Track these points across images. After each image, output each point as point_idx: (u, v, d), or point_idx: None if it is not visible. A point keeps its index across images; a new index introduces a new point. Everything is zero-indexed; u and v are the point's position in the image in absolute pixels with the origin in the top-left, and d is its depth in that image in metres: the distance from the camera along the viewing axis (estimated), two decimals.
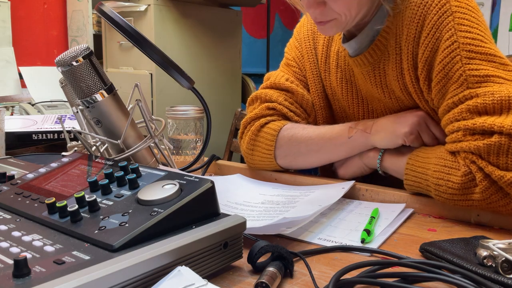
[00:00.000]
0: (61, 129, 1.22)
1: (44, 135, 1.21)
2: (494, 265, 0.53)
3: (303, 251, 0.62)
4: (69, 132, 1.04)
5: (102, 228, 0.49)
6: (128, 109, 0.83)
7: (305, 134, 0.93)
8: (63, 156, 0.71)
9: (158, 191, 0.53)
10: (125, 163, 0.61)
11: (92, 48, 1.46)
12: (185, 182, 0.55)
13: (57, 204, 0.53)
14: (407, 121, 0.84)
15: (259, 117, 0.98)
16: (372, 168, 0.90)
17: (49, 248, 0.47)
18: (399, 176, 0.84)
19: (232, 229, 0.54)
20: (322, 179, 0.93)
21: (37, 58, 3.04)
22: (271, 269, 0.52)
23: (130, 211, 0.51)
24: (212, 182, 0.54)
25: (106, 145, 0.83)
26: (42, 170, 0.68)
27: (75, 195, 0.54)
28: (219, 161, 1.07)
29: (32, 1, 3.01)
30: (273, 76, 1.03)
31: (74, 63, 0.75)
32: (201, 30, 2.78)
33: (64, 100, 2.35)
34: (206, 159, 1.05)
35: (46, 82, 2.59)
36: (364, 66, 0.90)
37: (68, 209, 0.52)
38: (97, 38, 2.96)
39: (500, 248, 0.54)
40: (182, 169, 0.92)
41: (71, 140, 1.04)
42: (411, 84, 0.84)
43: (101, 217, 0.51)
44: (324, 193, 0.84)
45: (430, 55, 0.80)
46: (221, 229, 0.52)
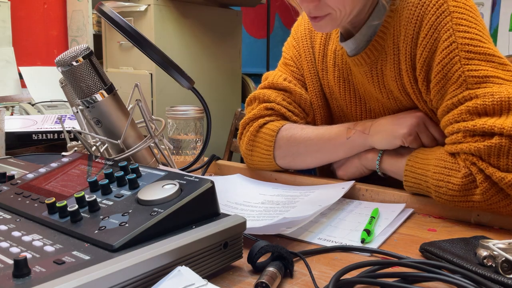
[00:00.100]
0: (61, 129, 1.22)
1: (44, 135, 1.21)
2: (494, 265, 0.53)
3: (303, 251, 0.62)
4: (69, 132, 1.04)
5: (102, 228, 0.49)
6: (128, 109, 0.83)
7: (304, 134, 0.93)
8: (63, 156, 0.71)
9: (158, 191, 0.53)
10: (125, 163, 0.61)
11: (92, 48, 1.46)
12: (185, 182, 0.55)
13: (57, 204, 0.53)
14: (405, 122, 0.84)
15: (258, 117, 0.98)
16: (371, 170, 0.90)
17: (49, 248, 0.47)
18: (399, 177, 0.84)
19: (232, 229, 0.54)
20: (322, 179, 0.93)
21: (37, 58, 3.04)
22: (271, 269, 0.52)
23: (130, 211, 0.51)
24: (212, 182, 0.54)
25: (106, 145, 0.83)
26: (42, 170, 0.68)
27: (75, 195, 0.54)
28: (219, 161, 1.07)
29: (32, 1, 3.01)
30: (271, 76, 1.03)
31: (74, 63, 0.75)
32: (201, 30, 2.78)
33: (64, 100, 2.35)
34: (206, 159, 1.05)
35: (46, 82, 2.59)
36: (362, 66, 0.90)
37: (68, 209, 0.52)
38: (97, 38, 2.96)
39: (500, 248, 0.54)
40: (182, 169, 0.92)
41: (71, 140, 1.04)
42: (410, 85, 0.84)
43: (101, 217, 0.51)
44: (324, 193, 0.84)
45: (428, 56, 0.80)
46: (221, 229, 0.52)
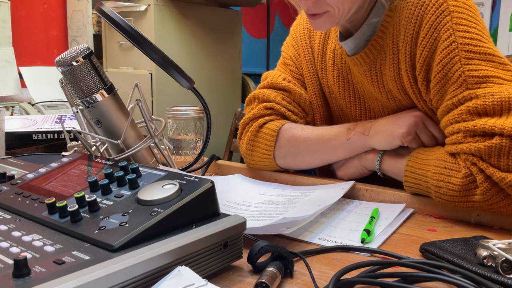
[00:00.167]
0: (61, 129, 1.22)
1: (44, 135, 1.21)
2: (494, 265, 0.53)
3: (303, 251, 0.62)
4: (69, 132, 1.04)
5: (102, 228, 0.49)
6: (128, 109, 0.83)
7: (304, 135, 0.93)
8: (63, 156, 0.71)
9: (158, 191, 0.53)
10: (125, 163, 0.61)
11: (92, 48, 1.46)
12: (185, 182, 0.55)
13: (57, 204, 0.53)
14: (404, 122, 0.84)
15: (258, 117, 0.98)
16: (371, 170, 0.90)
17: (49, 248, 0.47)
18: (399, 178, 0.84)
19: (232, 229, 0.54)
20: (322, 179, 0.93)
21: (37, 58, 3.04)
22: (271, 269, 0.52)
23: (130, 211, 0.51)
24: (212, 182, 0.54)
25: (106, 145, 0.83)
26: (42, 170, 0.68)
27: (75, 195, 0.54)
28: (219, 161, 1.07)
29: (32, 1, 3.01)
30: (270, 76, 1.03)
31: (74, 63, 0.75)
32: (201, 30, 2.78)
33: (64, 100, 2.35)
34: (206, 159, 1.05)
35: (46, 82, 2.59)
36: (361, 66, 0.90)
37: (68, 209, 0.52)
38: (97, 38, 2.96)
39: (500, 248, 0.54)
40: (182, 169, 0.92)
41: (71, 140, 1.04)
42: (409, 85, 0.84)
43: (101, 217, 0.51)
44: (324, 193, 0.84)
45: (428, 55, 0.80)
46: (221, 229, 0.52)
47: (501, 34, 3.36)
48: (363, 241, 0.65)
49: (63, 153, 0.90)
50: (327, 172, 1.01)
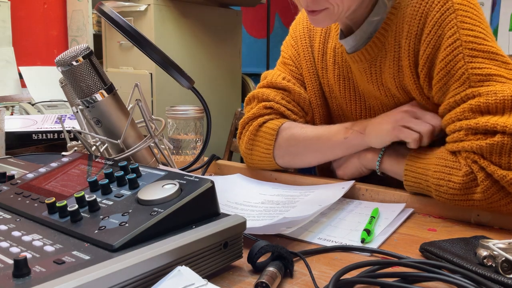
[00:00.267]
0: (61, 129, 1.22)
1: (44, 135, 1.21)
2: (494, 265, 0.53)
3: (303, 251, 0.62)
4: (69, 132, 1.04)
5: (102, 228, 0.49)
6: (128, 109, 0.83)
7: (303, 133, 0.93)
8: (63, 156, 0.71)
9: (158, 191, 0.53)
10: (125, 163, 0.61)
11: (92, 48, 1.46)
12: (185, 182, 0.55)
13: (57, 204, 0.53)
14: (390, 118, 0.84)
15: (257, 116, 0.98)
16: (370, 169, 0.90)
17: (49, 248, 0.47)
18: (399, 177, 0.84)
19: (232, 229, 0.54)
20: (322, 179, 0.93)
21: (37, 58, 3.04)
22: (271, 269, 0.52)
23: (130, 211, 0.51)
24: (212, 182, 0.54)
25: (106, 145, 0.83)
26: (42, 170, 0.68)
27: (75, 195, 0.54)
28: (219, 161, 1.07)
29: (32, 1, 3.01)
30: (269, 75, 1.03)
31: (74, 63, 0.75)
32: (201, 30, 2.78)
33: (64, 100, 2.35)
34: (206, 159, 1.05)
35: (46, 82, 2.59)
36: (361, 63, 0.90)
37: (68, 209, 0.52)
38: (97, 38, 2.96)
39: (500, 248, 0.54)
40: (182, 169, 0.92)
41: (71, 140, 1.04)
42: (412, 81, 0.84)
43: (101, 217, 0.51)
44: (324, 193, 0.84)
45: (432, 52, 0.80)
46: (221, 229, 0.52)
47: (501, 34, 3.36)
48: (363, 241, 0.65)
49: (63, 153, 0.90)
50: (327, 172, 1.01)
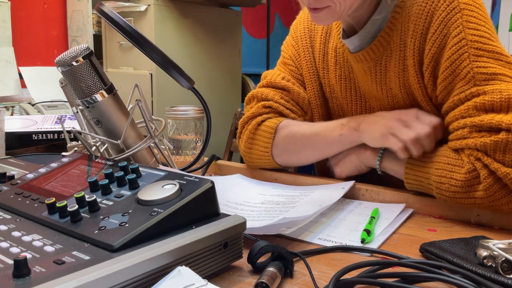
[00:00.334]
0: (61, 129, 1.22)
1: (44, 135, 1.21)
2: (494, 265, 0.53)
3: (303, 251, 0.62)
4: (69, 132, 1.04)
5: (102, 228, 0.49)
6: (128, 109, 0.83)
7: (300, 131, 0.93)
8: (63, 156, 0.71)
9: (158, 191, 0.53)
10: (125, 163, 0.61)
11: (92, 48, 1.46)
12: (185, 182, 0.55)
13: (57, 204, 0.53)
14: (382, 122, 0.82)
15: (256, 115, 0.99)
16: (369, 167, 0.90)
17: (49, 248, 0.47)
18: (399, 176, 0.84)
19: (232, 229, 0.54)
20: (322, 179, 0.93)
21: (37, 58, 3.04)
22: (271, 269, 0.52)
23: (130, 211, 0.51)
24: (212, 182, 0.54)
25: (106, 145, 0.83)
26: (42, 170, 0.68)
27: (75, 195, 0.54)
28: (219, 161, 1.07)
29: (32, 1, 3.01)
30: (269, 75, 1.03)
31: (74, 63, 0.75)
32: (201, 30, 2.78)
33: (64, 100, 2.35)
34: (206, 159, 1.05)
35: (46, 82, 2.59)
36: (366, 62, 0.90)
37: (68, 209, 0.52)
38: (97, 38, 2.96)
39: (500, 248, 0.54)
40: (182, 169, 0.92)
41: (71, 140, 1.04)
42: (416, 81, 0.84)
43: (101, 217, 0.51)
44: (324, 193, 0.84)
45: (437, 51, 0.80)
46: (221, 229, 0.52)
47: (501, 34, 3.36)
48: (363, 241, 0.65)
49: (63, 153, 0.90)
50: (327, 172, 1.01)
